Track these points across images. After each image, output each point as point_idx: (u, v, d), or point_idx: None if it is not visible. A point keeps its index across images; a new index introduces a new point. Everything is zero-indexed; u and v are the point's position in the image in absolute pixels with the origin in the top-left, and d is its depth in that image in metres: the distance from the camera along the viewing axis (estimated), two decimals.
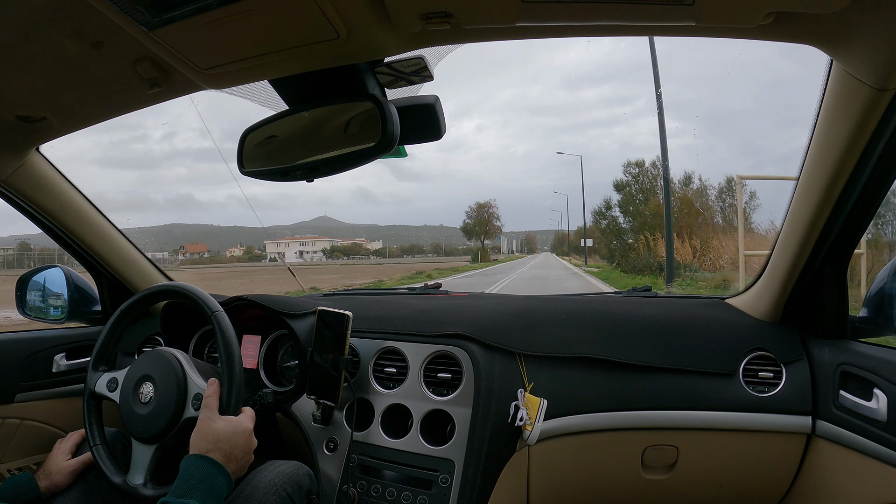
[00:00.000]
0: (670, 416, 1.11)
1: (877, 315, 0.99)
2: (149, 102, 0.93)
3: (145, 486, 0.93)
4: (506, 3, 0.62)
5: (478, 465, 1.03)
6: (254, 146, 0.89)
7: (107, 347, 1.08)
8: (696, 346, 1.14)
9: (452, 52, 0.78)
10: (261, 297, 1.29)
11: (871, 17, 0.62)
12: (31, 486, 0.96)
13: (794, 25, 0.65)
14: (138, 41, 0.70)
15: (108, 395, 1.04)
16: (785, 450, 1.09)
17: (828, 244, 0.99)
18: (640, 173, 25.01)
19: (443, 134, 0.85)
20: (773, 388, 1.08)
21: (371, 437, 1.14)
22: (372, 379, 1.20)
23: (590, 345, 1.16)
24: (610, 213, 25.11)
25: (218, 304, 1.00)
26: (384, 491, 1.08)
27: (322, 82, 0.80)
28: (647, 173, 24.59)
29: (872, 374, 0.91)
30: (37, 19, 0.70)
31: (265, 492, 0.93)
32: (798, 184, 0.96)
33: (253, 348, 1.33)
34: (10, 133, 1.03)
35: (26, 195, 1.23)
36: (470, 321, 1.20)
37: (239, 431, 0.88)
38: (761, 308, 1.18)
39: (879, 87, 0.70)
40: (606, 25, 0.66)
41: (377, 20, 0.65)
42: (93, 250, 1.40)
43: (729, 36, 0.69)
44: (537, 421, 1.04)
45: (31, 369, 1.33)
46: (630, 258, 20.46)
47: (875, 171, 0.84)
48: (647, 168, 24.53)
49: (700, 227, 18.09)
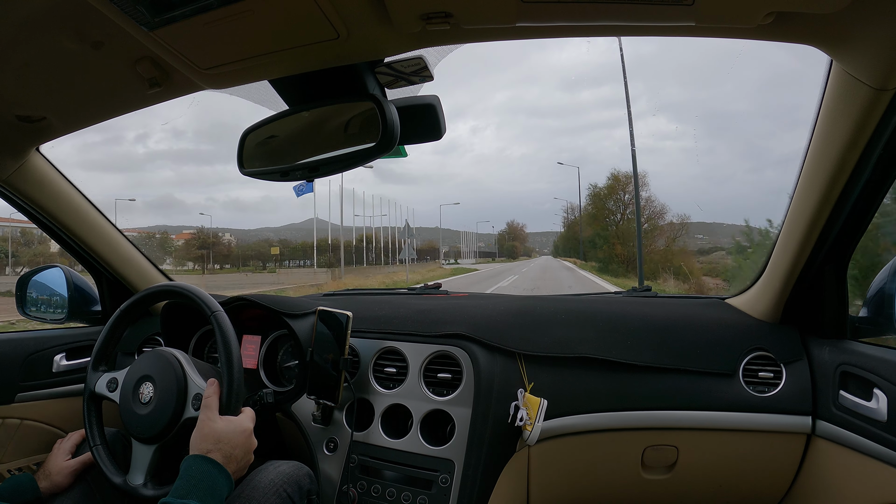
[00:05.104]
0: (670, 416, 1.11)
1: (877, 315, 0.99)
2: (149, 102, 0.93)
3: (145, 487, 0.93)
4: (506, 4, 0.62)
5: (478, 465, 1.03)
6: (254, 146, 0.89)
7: (107, 347, 1.08)
8: (696, 346, 1.14)
9: (451, 53, 0.78)
10: (261, 297, 1.29)
11: (871, 17, 0.62)
12: (31, 487, 0.96)
13: (794, 25, 0.65)
14: (138, 41, 0.70)
15: (108, 395, 1.04)
16: (785, 450, 1.09)
17: (828, 244, 0.99)
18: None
19: (443, 134, 0.85)
20: (773, 388, 1.08)
21: (371, 438, 1.14)
22: (372, 379, 1.20)
23: (590, 345, 1.16)
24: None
25: (218, 304, 1.00)
26: (384, 491, 1.08)
27: (322, 82, 0.80)
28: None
29: (872, 374, 0.91)
30: (37, 19, 0.70)
31: (265, 492, 0.93)
32: (798, 184, 0.96)
33: (253, 348, 1.33)
34: (10, 133, 1.03)
35: (26, 195, 1.23)
36: (470, 321, 1.20)
37: (239, 432, 0.88)
38: (761, 308, 1.18)
39: (879, 87, 0.70)
40: (606, 25, 0.66)
41: (377, 20, 0.65)
42: (93, 250, 1.40)
43: (729, 36, 0.69)
44: (537, 421, 1.04)
45: (31, 369, 1.33)
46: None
47: (875, 171, 0.84)
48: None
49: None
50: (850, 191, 0.88)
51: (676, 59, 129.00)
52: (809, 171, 0.91)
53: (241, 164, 0.89)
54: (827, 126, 0.83)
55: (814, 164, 0.89)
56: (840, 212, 0.92)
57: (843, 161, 0.83)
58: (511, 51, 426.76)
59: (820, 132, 0.85)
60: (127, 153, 69.87)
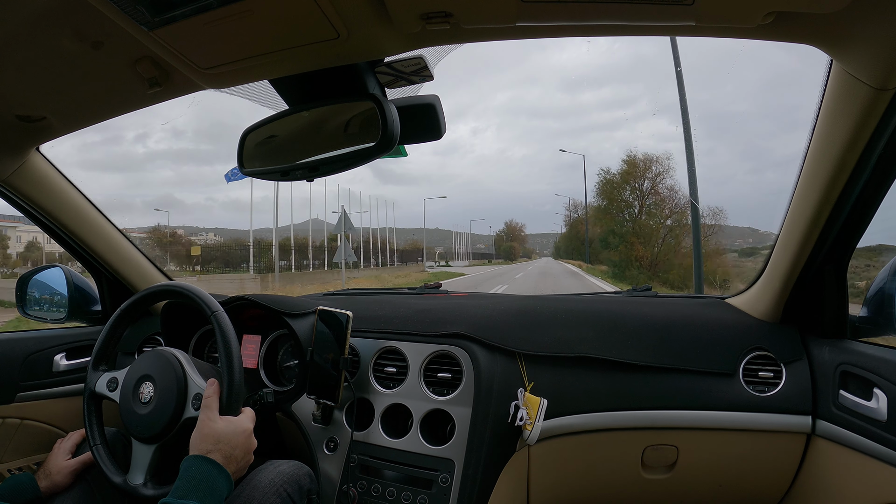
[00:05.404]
0: (670, 415, 1.11)
1: (877, 315, 0.99)
2: (149, 102, 0.93)
3: (145, 486, 0.93)
4: (505, 4, 0.62)
5: (478, 464, 1.03)
6: (254, 146, 0.89)
7: (107, 347, 1.08)
8: (696, 346, 1.14)
9: (451, 53, 0.78)
10: (261, 296, 1.29)
11: (871, 17, 0.62)
12: (32, 486, 0.96)
13: (794, 25, 0.65)
14: (138, 41, 0.70)
15: (108, 394, 1.04)
16: (785, 449, 1.09)
17: (828, 244, 0.99)
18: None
19: (443, 134, 0.85)
20: (773, 388, 1.08)
21: (371, 437, 1.14)
22: (372, 379, 1.20)
23: (590, 344, 1.16)
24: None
25: (218, 303, 1.00)
26: (384, 491, 1.08)
27: (322, 82, 0.80)
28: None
29: (872, 374, 0.91)
30: (37, 19, 0.70)
31: (265, 492, 0.93)
32: (798, 184, 0.96)
33: (253, 348, 1.33)
34: (10, 133, 1.03)
35: (26, 195, 1.23)
36: (470, 321, 1.20)
37: (239, 432, 0.88)
38: (761, 308, 1.18)
39: (879, 87, 0.70)
40: (606, 25, 0.66)
41: (377, 20, 0.65)
42: (93, 250, 1.40)
43: (729, 36, 0.69)
44: (537, 421, 1.04)
45: (32, 369, 1.33)
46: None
47: (875, 171, 0.84)
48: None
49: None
50: (850, 191, 0.88)
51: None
52: (809, 171, 0.91)
53: (241, 164, 0.89)
54: (827, 126, 0.83)
55: (814, 164, 0.89)
56: (840, 212, 0.92)
57: (843, 161, 0.83)
58: (511, 51, 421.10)
59: (820, 132, 0.85)
60: (126, 153, 69.91)
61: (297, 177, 0.86)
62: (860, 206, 0.91)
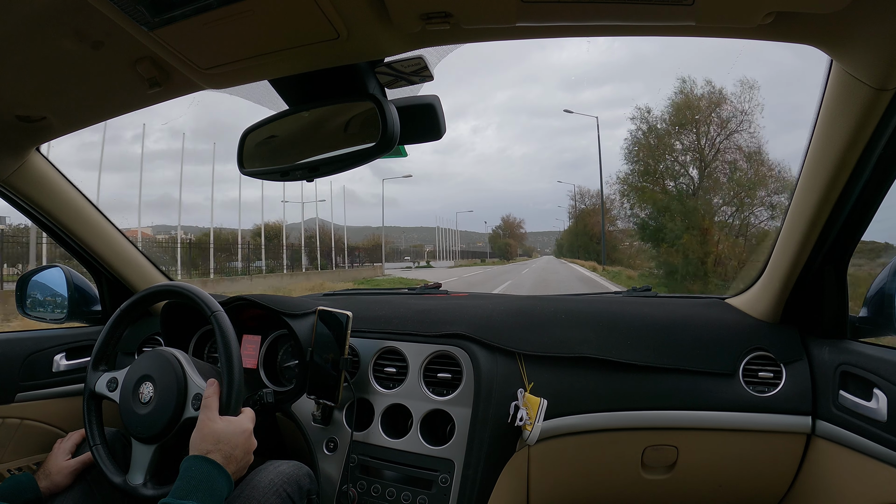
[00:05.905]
0: (670, 416, 1.11)
1: (877, 315, 0.99)
2: (149, 102, 0.93)
3: (145, 486, 0.93)
4: (505, 4, 0.62)
5: (478, 465, 1.03)
6: (254, 146, 0.89)
7: (107, 347, 1.09)
8: (696, 346, 1.14)
9: (451, 53, 0.78)
10: (261, 296, 1.29)
11: (871, 17, 0.62)
12: (31, 486, 0.96)
13: (794, 25, 0.65)
14: (138, 41, 0.70)
15: (108, 394, 1.04)
16: (785, 450, 1.09)
17: (828, 244, 0.99)
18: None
19: (443, 133, 0.85)
20: (773, 388, 1.08)
21: (371, 437, 1.14)
22: (372, 379, 1.20)
23: (590, 345, 1.16)
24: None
25: (218, 303, 1.00)
26: (384, 491, 1.08)
27: (322, 82, 0.80)
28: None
29: (872, 374, 0.91)
30: (37, 19, 0.70)
31: (265, 492, 0.93)
32: (798, 184, 0.96)
33: (253, 348, 1.33)
34: (10, 133, 1.03)
35: (26, 195, 1.23)
36: (470, 321, 1.20)
37: (239, 432, 0.88)
38: (761, 308, 1.18)
39: (879, 87, 0.70)
40: (606, 25, 0.66)
41: (377, 20, 0.65)
42: (93, 250, 1.40)
43: (729, 36, 0.69)
44: (537, 421, 1.04)
45: (31, 369, 1.33)
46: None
47: (875, 171, 0.84)
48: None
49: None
50: (850, 191, 0.88)
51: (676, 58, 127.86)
52: (809, 170, 0.91)
53: (241, 164, 0.89)
54: (827, 126, 0.83)
55: (814, 164, 0.89)
56: (840, 212, 0.92)
57: (843, 161, 0.83)
58: (512, 50, 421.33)
59: (820, 132, 0.85)
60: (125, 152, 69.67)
61: (297, 177, 0.86)
62: (860, 206, 0.91)
